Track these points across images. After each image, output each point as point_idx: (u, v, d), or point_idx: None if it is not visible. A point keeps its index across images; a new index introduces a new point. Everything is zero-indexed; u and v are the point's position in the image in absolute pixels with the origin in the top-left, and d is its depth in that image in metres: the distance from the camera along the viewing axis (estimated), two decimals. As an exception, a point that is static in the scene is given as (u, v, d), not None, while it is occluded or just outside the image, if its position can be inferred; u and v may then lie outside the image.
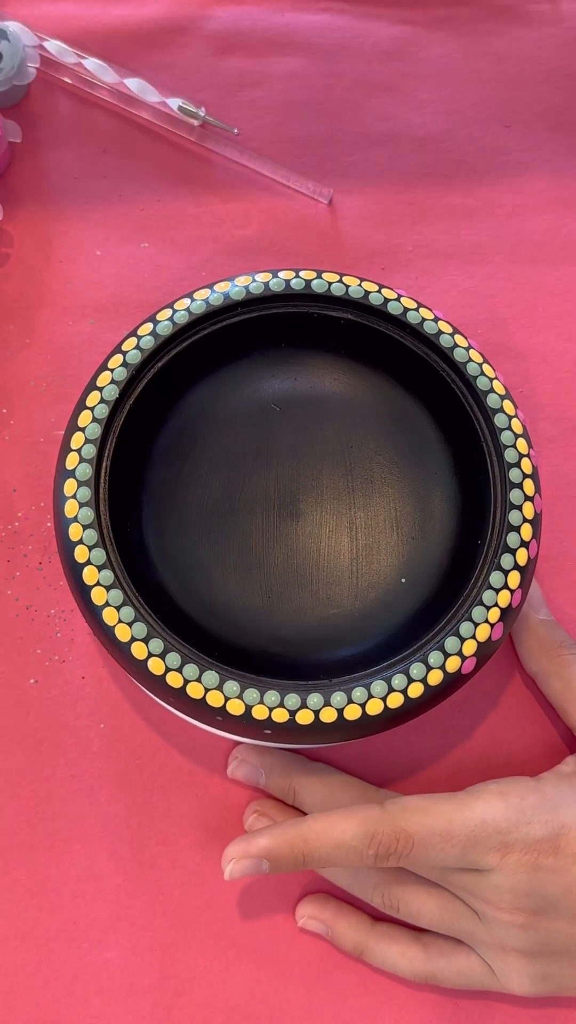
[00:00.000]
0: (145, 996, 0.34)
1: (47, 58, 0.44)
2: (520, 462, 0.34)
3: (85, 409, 0.33)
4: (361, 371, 0.36)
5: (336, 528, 0.34)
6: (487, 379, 0.35)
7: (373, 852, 0.31)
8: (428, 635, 0.32)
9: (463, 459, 0.35)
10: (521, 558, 0.33)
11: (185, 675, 0.30)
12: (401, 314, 0.35)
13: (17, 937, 0.35)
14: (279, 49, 0.46)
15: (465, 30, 0.46)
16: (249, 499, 0.34)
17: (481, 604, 0.32)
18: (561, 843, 0.31)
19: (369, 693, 0.31)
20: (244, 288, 0.35)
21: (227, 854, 0.33)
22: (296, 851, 0.32)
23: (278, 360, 0.36)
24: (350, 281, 0.36)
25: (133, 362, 0.34)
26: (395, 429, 0.35)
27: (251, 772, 0.35)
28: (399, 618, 0.33)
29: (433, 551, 0.34)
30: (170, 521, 0.34)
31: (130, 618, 0.31)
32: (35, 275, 0.42)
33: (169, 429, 0.35)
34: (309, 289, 0.35)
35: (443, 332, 0.35)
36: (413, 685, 0.31)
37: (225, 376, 0.36)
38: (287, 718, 0.30)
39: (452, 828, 0.31)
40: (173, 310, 0.35)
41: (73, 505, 0.32)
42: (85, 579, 0.31)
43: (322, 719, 0.30)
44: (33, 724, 0.36)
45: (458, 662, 0.31)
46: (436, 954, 0.33)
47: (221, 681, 0.30)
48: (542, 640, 0.36)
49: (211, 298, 0.35)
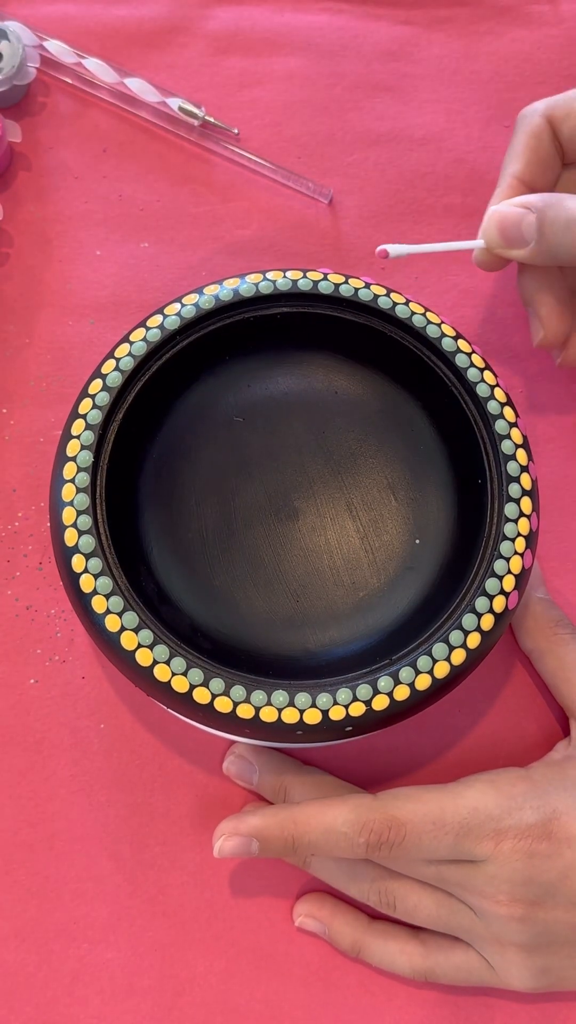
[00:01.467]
0: (145, 996, 0.34)
1: (47, 58, 0.44)
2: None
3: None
4: (310, 358, 0.36)
5: (336, 514, 0.34)
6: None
7: (364, 840, 0.31)
8: (462, 591, 0.32)
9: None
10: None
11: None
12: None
13: (17, 937, 0.35)
14: (279, 49, 0.46)
15: (465, 30, 0.46)
16: (245, 515, 0.34)
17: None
18: (553, 827, 0.31)
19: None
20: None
21: (218, 830, 0.33)
22: (286, 833, 0.32)
23: (240, 369, 0.36)
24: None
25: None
26: (359, 405, 0.36)
27: (245, 769, 0.35)
28: (427, 581, 0.34)
29: (437, 506, 0.35)
30: (178, 564, 0.34)
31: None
32: (35, 275, 0.42)
33: (150, 459, 0.35)
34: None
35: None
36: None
37: (191, 396, 0.36)
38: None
39: (444, 816, 0.31)
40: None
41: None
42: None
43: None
44: (33, 724, 0.36)
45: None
46: (434, 949, 0.33)
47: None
48: (539, 618, 0.36)
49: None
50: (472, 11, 0.47)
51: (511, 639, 0.38)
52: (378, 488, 0.35)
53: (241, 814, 0.33)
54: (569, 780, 0.33)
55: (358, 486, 0.35)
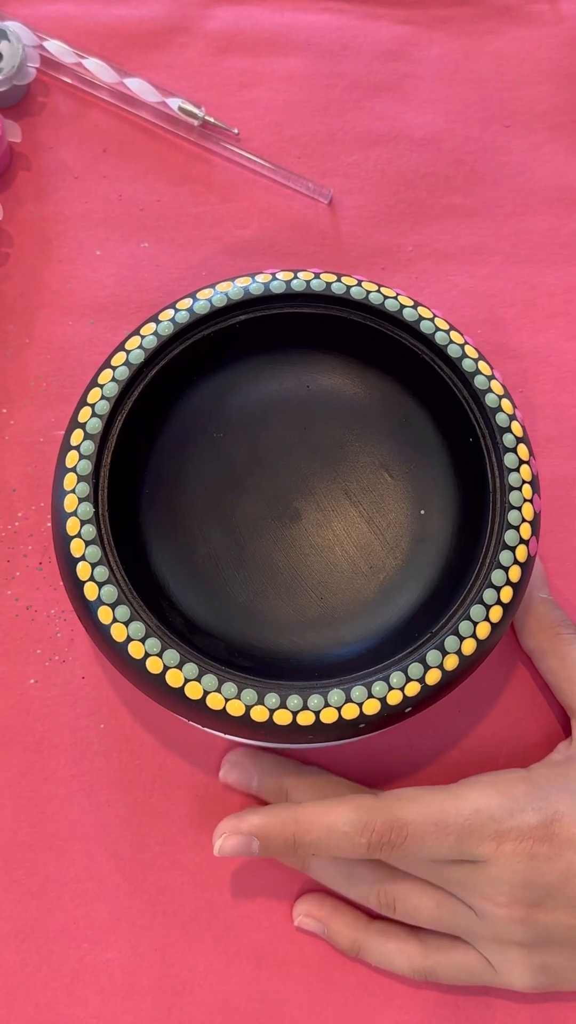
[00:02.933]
0: (145, 996, 0.34)
1: (47, 58, 0.44)
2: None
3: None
4: (276, 360, 0.36)
5: (337, 504, 0.35)
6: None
7: (366, 840, 0.31)
8: (483, 543, 0.33)
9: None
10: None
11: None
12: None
13: (17, 937, 0.35)
14: (279, 49, 0.46)
15: (465, 30, 0.46)
16: (249, 528, 0.34)
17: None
18: (554, 829, 0.31)
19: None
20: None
21: (219, 829, 0.33)
22: (287, 832, 0.32)
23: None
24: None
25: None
26: (334, 394, 0.36)
27: (242, 776, 0.35)
28: (442, 550, 0.34)
29: (434, 474, 0.35)
30: (198, 591, 0.33)
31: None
32: (35, 275, 0.42)
33: (144, 496, 0.34)
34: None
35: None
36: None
37: (170, 424, 0.35)
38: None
39: (446, 817, 0.31)
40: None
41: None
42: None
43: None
44: (33, 724, 0.36)
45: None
46: (434, 949, 0.33)
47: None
48: (541, 618, 0.36)
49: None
50: (472, 11, 0.47)
51: (512, 639, 0.38)
52: (371, 470, 0.35)
53: (242, 813, 0.33)
54: (571, 781, 0.33)
55: (352, 473, 0.35)
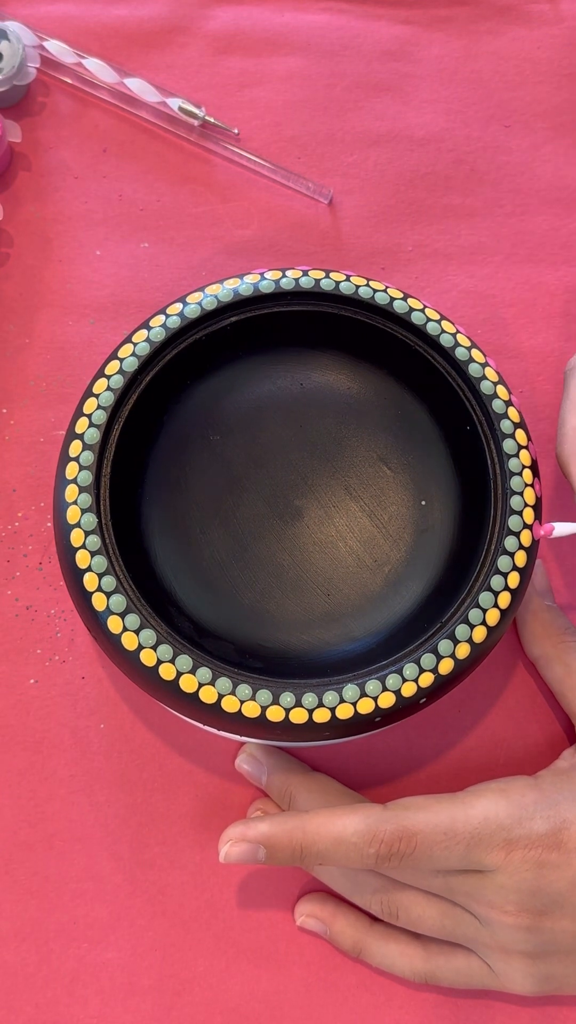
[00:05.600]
0: (145, 996, 0.34)
1: (47, 58, 0.44)
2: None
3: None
4: (268, 360, 0.36)
5: (338, 500, 0.35)
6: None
7: (374, 851, 0.31)
8: (487, 529, 0.33)
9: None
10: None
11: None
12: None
13: (17, 937, 0.35)
14: (279, 49, 0.46)
15: (465, 30, 0.46)
16: (251, 528, 0.34)
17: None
18: (563, 837, 0.31)
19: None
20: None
21: (225, 835, 0.32)
22: (295, 841, 0.32)
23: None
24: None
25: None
26: (327, 390, 0.36)
27: (255, 769, 0.35)
28: (445, 539, 0.34)
29: (433, 464, 0.35)
30: (204, 595, 0.33)
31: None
32: (35, 275, 0.42)
33: (145, 502, 0.34)
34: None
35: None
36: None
37: (167, 429, 0.35)
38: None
39: (455, 826, 0.31)
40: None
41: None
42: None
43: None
44: (33, 724, 0.36)
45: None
46: (435, 953, 0.33)
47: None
48: (546, 625, 0.36)
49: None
50: (472, 10, 0.47)
51: (514, 643, 0.38)
52: (369, 464, 0.35)
53: (249, 820, 0.33)
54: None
55: (350, 467, 0.35)
